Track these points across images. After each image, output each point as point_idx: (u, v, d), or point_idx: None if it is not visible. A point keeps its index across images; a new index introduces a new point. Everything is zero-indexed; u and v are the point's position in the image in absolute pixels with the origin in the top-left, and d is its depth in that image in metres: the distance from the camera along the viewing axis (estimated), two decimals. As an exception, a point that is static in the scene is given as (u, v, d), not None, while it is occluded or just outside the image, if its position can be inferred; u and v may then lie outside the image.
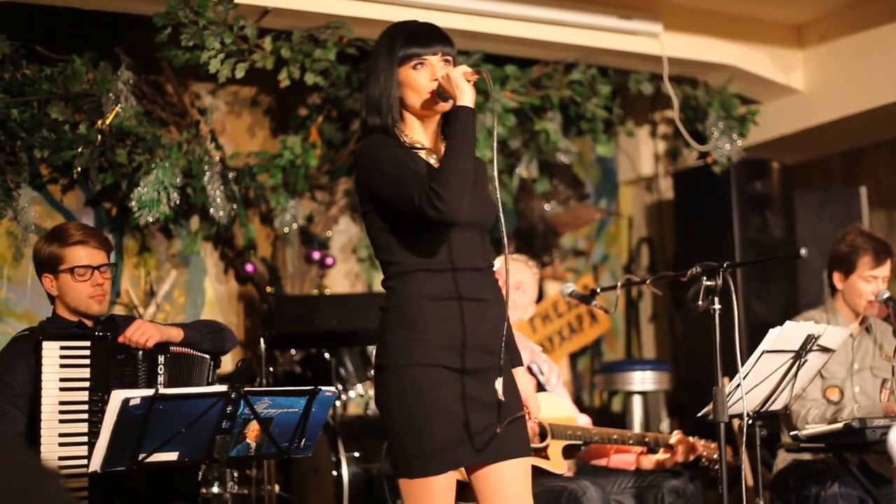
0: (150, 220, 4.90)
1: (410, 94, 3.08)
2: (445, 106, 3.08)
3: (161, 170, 4.87)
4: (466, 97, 2.99)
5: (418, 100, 3.08)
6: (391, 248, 3.06)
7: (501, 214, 2.96)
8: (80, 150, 4.86)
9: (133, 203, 4.86)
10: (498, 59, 5.81)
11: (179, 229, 5.52)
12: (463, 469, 3.08)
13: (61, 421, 3.48)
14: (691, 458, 4.32)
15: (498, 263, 4.53)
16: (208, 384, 3.73)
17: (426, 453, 2.96)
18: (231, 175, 5.34)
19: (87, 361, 3.54)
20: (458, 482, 3.10)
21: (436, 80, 3.05)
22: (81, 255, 3.67)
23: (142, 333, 3.53)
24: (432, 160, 3.09)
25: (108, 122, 4.84)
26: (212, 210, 5.14)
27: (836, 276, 4.54)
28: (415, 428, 2.97)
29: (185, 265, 5.62)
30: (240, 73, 4.98)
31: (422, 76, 3.07)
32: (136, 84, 5.03)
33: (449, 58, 3.10)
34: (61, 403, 3.49)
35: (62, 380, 3.50)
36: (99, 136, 4.88)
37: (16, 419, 3.53)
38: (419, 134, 3.13)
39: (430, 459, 2.97)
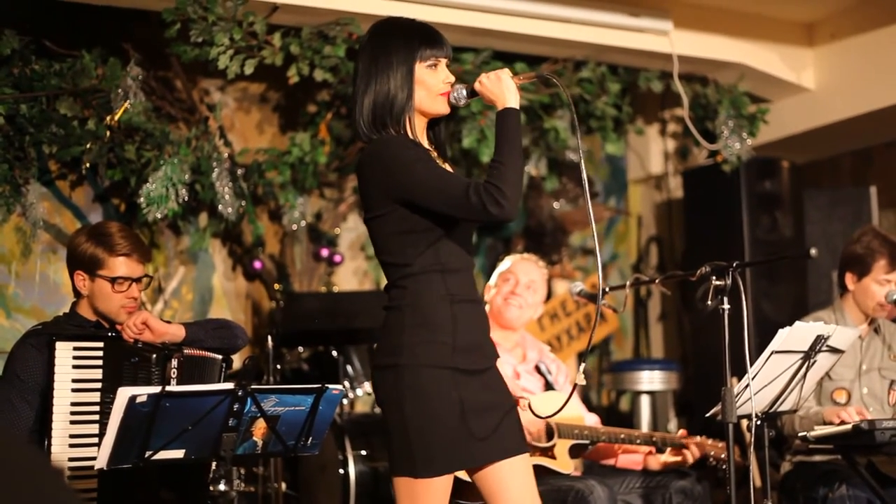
0: (159, 216, 4.90)
1: (420, 93, 3.08)
2: (444, 110, 3.11)
3: (170, 166, 4.87)
4: (513, 99, 3.01)
5: (427, 99, 3.08)
6: (405, 251, 3.03)
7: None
8: (88, 145, 4.86)
9: (141, 199, 4.86)
10: (507, 57, 5.79)
11: (188, 226, 5.52)
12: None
13: (73, 422, 3.47)
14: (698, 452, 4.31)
15: (509, 262, 4.57)
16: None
17: (435, 454, 2.96)
18: (240, 172, 5.34)
19: (100, 362, 3.53)
20: (458, 480, 3.10)
21: (448, 82, 3.07)
22: (124, 267, 3.64)
23: (135, 324, 3.53)
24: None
25: (116, 117, 4.84)
26: (220, 207, 5.14)
27: (849, 277, 4.51)
28: (426, 428, 2.96)
29: (194, 262, 5.62)
30: (249, 70, 4.98)
31: (436, 76, 3.09)
32: (145, 80, 5.02)
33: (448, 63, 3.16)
34: (73, 404, 3.48)
35: (74, 380, 3.49)
36: (108, 132, 4.88)
37: (24, 413, 3.52)
38: (418, 134, 3.12)
39: (437, 460, 2.96)
